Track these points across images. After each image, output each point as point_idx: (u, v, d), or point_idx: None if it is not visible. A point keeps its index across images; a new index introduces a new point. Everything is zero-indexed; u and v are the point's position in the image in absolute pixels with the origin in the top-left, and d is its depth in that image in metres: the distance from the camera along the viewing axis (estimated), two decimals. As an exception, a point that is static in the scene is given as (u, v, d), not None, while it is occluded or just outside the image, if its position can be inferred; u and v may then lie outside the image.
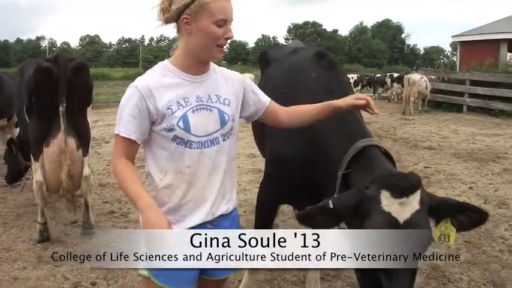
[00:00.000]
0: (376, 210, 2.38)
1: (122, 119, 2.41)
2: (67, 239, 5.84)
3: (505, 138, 13.60)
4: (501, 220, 6.50)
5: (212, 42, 2.39)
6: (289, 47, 5.05)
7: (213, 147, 2.49)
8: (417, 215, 2.37)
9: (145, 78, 2.47)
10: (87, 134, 5.89)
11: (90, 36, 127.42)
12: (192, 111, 2.43)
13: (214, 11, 2.34)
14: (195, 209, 2.51)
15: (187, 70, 2.48)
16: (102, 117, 19.08)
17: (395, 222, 2.33)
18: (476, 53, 25.84)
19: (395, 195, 2.35)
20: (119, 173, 2.44)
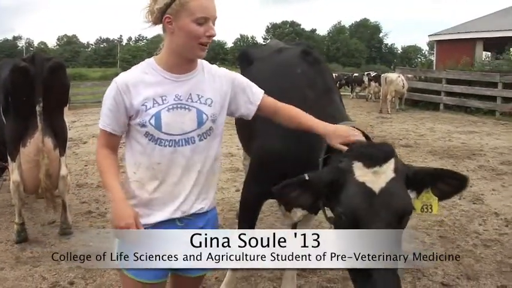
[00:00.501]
0: (350, 182, 2.37)
1: (102, 111, 2.51)
2: (45, 240, 5.81)
3: (481, 136, 13.83)
4: (475, 215, 6.61)
5: (193, 40, 2.42)
6: (271, 46, 5.09)
7: (187, 146, 2.52)
8: (393, 183, 2.35)
9: (126, 74, 2.54)
10: (64, 134, 5.87)
11: (68, 36, 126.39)
12: (167, 110, 2.46)
13: (193, 9, 2.37)
14: (164, 205, 2.55)
15: (170, 69, 2.52)
16: (79, 118, 18.97)
17: (370, 192, 2.32)
18: (453, 51, 26.11)
19: (368, 165, 2.35)
20: (98, 162, 2.59)
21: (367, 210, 2.30)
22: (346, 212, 2.36)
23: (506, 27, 26.12)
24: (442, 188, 2.52)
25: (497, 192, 7.81)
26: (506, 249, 5.45)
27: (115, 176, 2.52)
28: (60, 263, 5.10)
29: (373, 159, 2.37)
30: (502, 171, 9.31)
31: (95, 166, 9.84)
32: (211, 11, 2.42)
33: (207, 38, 2.43)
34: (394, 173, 2.38)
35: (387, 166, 2.37)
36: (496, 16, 31.18)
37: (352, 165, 2.39)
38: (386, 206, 2.30)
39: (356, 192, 2.35)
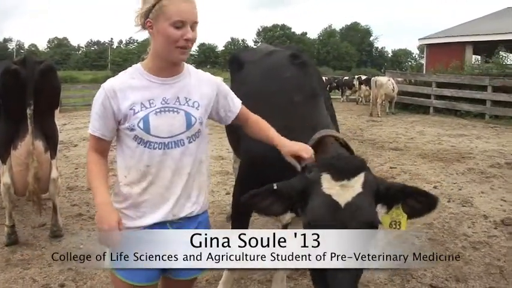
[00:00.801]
0: (317, 193, 2.37)
1: (91, 117, 2.56)
2: (35, 242, 5.80)
3: (470, 139, 13.91)
4: (464, 218, 6.66)
5: (171, 44, 2.45)
6: (261, 50, 5.10)
7: (177, 148, 2.56)
8: (359, 197, 2.34)
9: (113, 79, 2.57)
10: (55, 137, 5.88)
11: (59, 39, 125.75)
12: (155, 113, 2.50)
13: (170, 13, 2.40)
14: (155, 208, 2.59)
15: (156, 73, 2.56)
16: (70, 121, 18.92)
17: (335, 205, 2.32)
18: (443, 55, 26.28)
19: (337, 178, 2.35)
20: (87, 166, 2.67)
21: (331, 223, 2.29)
22: (311, 223, 2.36)
23: (496, 31, 26.32)
24: (413, 206, 2.51)
25: (486, 194, 7.86)
26: (494, 252, 5.50)
27: (102, 180, 2.56)
28: (51, 266, 5.14)
29: (342, 172, 2.37)
30: (491, 174, 9.36)
31: (86, 169, 9.84)
32: (188, 15, 2.44)
33: (184, 42, 2.45)
34: (362, 187, 2.37)
35: (356, 180, 2.37)
36: (486, 20, 31.42)
37: (320, 176, 2.40)
38: (351, 220, 2.30)
39: (322, 204, 2.35)
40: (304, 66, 3.65)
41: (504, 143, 12.92)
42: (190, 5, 2.46)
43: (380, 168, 9.84)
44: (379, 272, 4.92)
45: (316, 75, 3.85)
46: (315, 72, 3.92)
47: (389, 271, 4.97)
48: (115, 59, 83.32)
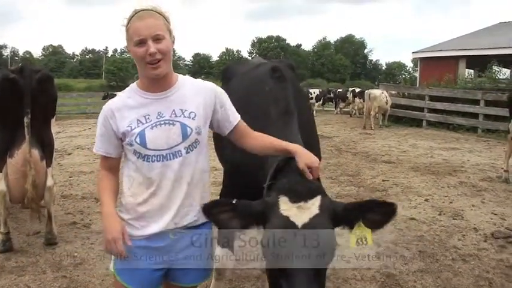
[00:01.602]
0: (275, 215, 2.43)
1: (96, 136, 2.71)
2: (30, 249, 5.83)
3: (463, 152, 14.01)
4: (455, 231, 6.73)
5: (140, 62, 2.57)
6: (252, 62, 5.18)
7: (175, 159, 2.64)
8: (316, 219, 2.40)
9: (112, 100, 2.73)
10: (51, 145, 5.95)
11: (53, 46, 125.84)
12: (151, 128, 2.60)
13: (131, 34, 2.56)
14: (157, 217, 2.67)
15: (148, 89, 2.67)
16: (64, 129, 18.99)
17: (293, 226, 2.37)
18: (436, 69, 26.47)
19: (293, 200, 2.43)
20: (98, 181, 2.83)
21: (289, 244, 2.34)
22: (267, 243, 2.41)
23: (489, 46, 26.54)
24: (373, 218, 2.54)
25: (476, 208, 7.93)
26: (484, 264, 5.56)
27: (109, 193, 2.71)
28: (45, 273, 5.18)
29: (299, 195, 2.44)
30: (482, 187, 9.44)
31: (80, 177, 9.89)
32: (145, 31, 2.52)
33: (150, 57, 2.53)
34: (319, 209, 2.43)
35: (312, 202, 2.44)
36: (479, 35, 31.67)
37: (278, 199, 2.47)
38: (309, 242, 2.33)
39: (280, 225, 2.40)
40: (282, 80, 3.65)
41: (496, 156, 12.97)
42: (145, 22, 2.54)
43: (372, 181, 9.93)
44: (369, 283, 5.00)
45: (293, 90, 3.80)
46: (293, 87, 3.87)
47: (379, 283, 5.04)
48: (110, 68, 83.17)
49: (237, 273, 5.13)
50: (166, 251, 2.71)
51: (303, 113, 3.77)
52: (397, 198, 8.46)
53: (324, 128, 20.11)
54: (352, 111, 28.36)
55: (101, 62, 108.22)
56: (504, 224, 7.08)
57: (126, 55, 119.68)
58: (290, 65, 4.50)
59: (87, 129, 19.64)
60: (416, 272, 5.30)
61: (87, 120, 24.45)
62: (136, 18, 2.56)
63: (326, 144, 15.23)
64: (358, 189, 9.10)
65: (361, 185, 9.48)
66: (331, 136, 17.45)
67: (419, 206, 8.01)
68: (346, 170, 11.11)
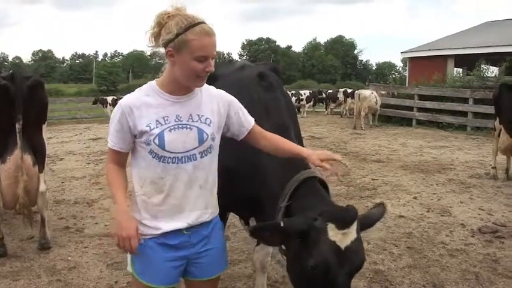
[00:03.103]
0: (324, 240, 2.67)
1: (110, 131, 2.73)
2: (24, 254, 5.89)
3: (452, 150, 14.16)
4: (443, 227, 6.84)
5: (192, 75, 2.61)
6: (236, 64, 5.25)
7: (189, 162, 2.72)
8: (356, 242, 2.70)
9: (130, 97, 2.74)
10: (43, 151, 6.00)
11: (43, 51, 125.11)
12: (170, 130, 2.66)
13: (195, 48, 2.54)
14: (171, 217, 2.75)
15: (170, 92, 2.71)
16: (55, 134, 18.99)
17: (338, 249, 2.64)
18: (425, 68, 26.59)
19: (340, 227, 2.66)
20: (107, 175, 2.82)
21: (336, 265, 2.63)
22: (318, 264, 2.65)
23: (477, 45, 26.74)
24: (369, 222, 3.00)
25: (464, 204, 8.06)
26: (471, 259, 5.67)
27: (121, 189, 2.72)
28: (40, 277, 5.25)
29: (344, 222, 2.68)
30: (471, 184, 9.58)
31: (72, 182, 9.94)
32: (210, 50, 2.58)
33: (205, 73, 2.62)
34: (357, 233, 2.73)
35: (353, 227, 2.70)
36: (467, 34, 31.88)
37: (326, 226, 2.68)
38: (350, 261, 2.66)
39: (328, 249, 2.65)
40: (271, 89, 3.78)
41: (485, 153, 13.13)
42: (212, 40, 2.60)
43: (362, 180, 10.05)
44: (358, 280, 5.09)
45: (284, 99, 3.95)
46: (283, 95, 4.01)
47: (368, 279, 5.14)
48: (100, 72, 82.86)
49: (228, 273, 5.22)
50: (182, 246, 2.79)
51: (291, 115, 3.89)
52: (386, 196, 8.58)
53: (314, 129, 20.26)
54: (343, 111, 28.46)
55: (91, 66, 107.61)
56: (491, 219, 7.20)
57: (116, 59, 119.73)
58: (274, 68, 4.56)
59: (79, 135, 19.67)
60: (404, 268, 5.41)
61: (78, 126, 24.50)
62: (205, 34, 2.56)
63: (317, 145, 15.36)
64: (348, 189, 9.20)
65: (351, 185, 9.59)
66: (321, 137, 17.55)
67: (408, 203, 8.13)
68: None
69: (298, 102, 29.64)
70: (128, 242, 2.58)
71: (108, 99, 29.06)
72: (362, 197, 8.55)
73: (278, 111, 3.65)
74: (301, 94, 30.49)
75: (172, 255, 2.77)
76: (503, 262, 5.57)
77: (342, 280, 2.63)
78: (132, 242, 2.58)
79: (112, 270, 5.43)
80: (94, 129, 22.42)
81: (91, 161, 12.85)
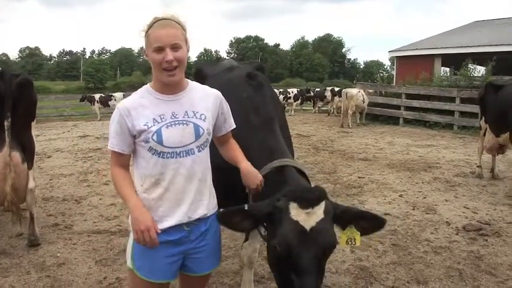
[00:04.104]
0: (286, 220, 2.72)
1: (110, 134, 2.85)
2: (13, 251, 5.92)
3: (438, 149, 14.28)
4: (427, 225, 6.93)
5: (157, 68, 2.77)
6: (223, 64, 5.33)
7: (188, 157, 2.85)
8: (322, 222, 2.72)
9: (127, 100, 2.89)
10: (32, 148, 6.03)
11: (30, 48, 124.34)
12: (166, 126, 2.79)
13: (151, 40, 2.74)
14: (171, 212, 2.86)
15: (161, 91, 2.86)
16: (43, 132, 18.95)
17: (302, 229, 2.68)
18: (412, 67, 26.69)
19: (302, 206, 2.71)
20: (113, 179, 2.93)
21: (299, 245, 2.66)
22: (281, 245, 2.70)
23: (464, 44, 26.89)
24: (364, 226, 2.94)
25: (449, 202, 8.16)
26: (455, 256, 5.76)
27: (130, 187, 2.84)
28: (29, 273, 5.27)
29: (307, 201, 2.73)
30: (456, 182, 9.69)
31: (60, 180, 9.95)
32: (165, 39, 2.72)
33: (166, 64, 2.72)
34: (324, 214, 2.75)
35: (318, 208, 2.74)
36: (454, 33, 32.03)
37: (288, 205, 2.75)
38: (315, 242, 2.67)
39: (291, 229, 2.70)
40: (260, 87, 3.91)
41: (471, 152, 13.25)
42: (167, 30, 2.73)
43: (348, 178, 10.12)
44: (343, 276, 5.17)
45: (271, 96, 4.10)
46: (270, 93, 4.17)
47: (353, 275, 5.22)
48: (87, 70, 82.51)
49: (216, 269, 5.27)
50: (181, 242, 2.91)
51: (278, 112, 4.00)
52: (372, 194, 8.68)
53: (302, 127, 20.35)
54: (330, 109, 28.56)
55: (78, 63, 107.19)
56: (476, 217, 7.30)
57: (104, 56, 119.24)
58: (260, 67, 4.69)
59: (66, 132, 19.64)
60: (389, 265, 5.49)
61: (65, 123, 24.43)
62: (158, 26, 2.74)
63: (304, 143, 15.46)
64: (335, 187, 9.27)
65: (337, 183, 9.66)
66: (309, 135, 17.63)
67: (393, 201, 8.22)
68: (323, 168, 11.29)
69: (286, 100, 29.73)
70: (147, 233, 2.69)
71: (95, 96, 29.01)
72: (348, 195, 8.61)
73: (265, 108, 3.77)
74: (289, 92, 30.58)
75: (171, 251, 2.89)
76: (486, 259, 5.66)
77: (307, 261, 2.64)
78: (151, 233, 2.69)
79: (101, 267, 5.47)
80: (82, 126, 22.44)
81: (79, 159, 12.86)
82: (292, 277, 2.69)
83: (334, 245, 2.77)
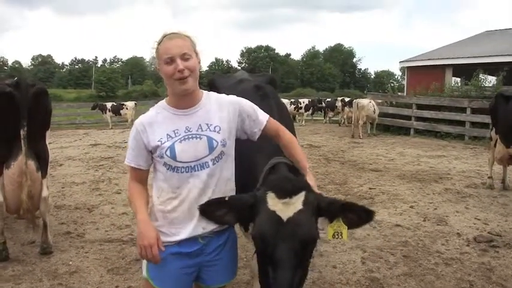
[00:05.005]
0: (263, 209, 2.69)
1: (127, 150, 2.94)
2: (26, 258, 5.97)
3: (449, 159, 14.24)
4: (438, 236, 6.92)
5: (169, 79, 2.81)
6: (235, 77, 5.41)
7: (203, 170, 2.88)
8: (300, 213, 2.64)
9: (143, 116, 2.96)
10: (46, 157, 6.11)
11: (43, 56, 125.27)
12: (180, 141, 2.84)
13: (161, 53, 2.81)
14: (185, 223, 2.90)
15: (176, 105, 2.92)
16: (55, 140, 19.03)
17: (279, 219, 2.63)
18: (423, 77, 26.67)
19: (279, 196, 2.68)
20: (128, 192, 3.03)
21: (275, 236, 2.61)
22: (257, 235, 2.69)
23: (475, 54, 26.86)
24: (351, 218, 2.83)
25: (460, 213, 8.14)
26: (465, 267, 5.76)
27: (141, 202, 2.89)
28: (41, 281, 5.33)
29: (285, 191, 2.70)
30: (467, 193, 9.66)
31: (72, 188, 10.02)
32: (173, 50, 2.78)
33: (179, 73, 2.77)
34: (303, 205, 2.68)
35: (297, 198, 2.69)
36: (465, 43, 32.01)
37: (266, 194, 2.73)
38: (292, 234, 2.60)
39: (267, 218, 2.67)
40: (265, 97, 3.97)
41: (482, 163, 13.20)
42: (174, 42, 2.81)
43: (359, 189, 10.12)
44: (354, 287, 5.18)
45: (277, 107, 4.11)
46: (275, 103, 4.20)
47: (364, 287, 5.23)
48: (99, 78, 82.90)
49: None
50: (196, 254, 2.94)
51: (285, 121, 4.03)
52: (383, 205, 8.67)
53: (312, 138, 20.36)
54: (341, 120, 28.57)
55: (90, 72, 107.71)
56: (487, 228, 7.29)
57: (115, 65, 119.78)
58: (272, 79, 4.77)
59: (78, 140, 19.76)
60: (400, 276, 5.50)
61: (77, 131, 24.59)
62: (166, 39, 2.82)
63: (314, 153, 15.46)
64: (346, 198, 9.23)
65: (348, 194, 9.66)
66: (319, 145, 17.63)
67: (404, 212, 8.20)
68: (333, 178, 11.29)
69: (297, 110, 29.79)
70: (149, 249, 2.72)
71: (107, 105, 29.15)
72: (359, 206, 8.54)
73: (269, 114, 3.81)
74: (300, 102, 30.60)
75: (186, 263, 2.93)
76: (497, 271, 5.65)
77: (282, 252, 2.56)
78: (153, 250, 2.72)
79: (113, 275, 5.52)
80: (93, 134, 22.52)
81: (91, 167, 12.93)
82: (268, 270, 2.63)
83: (313, 238, 2.69)
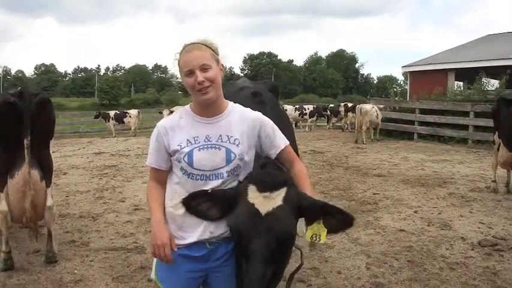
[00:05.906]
0: (243, 202, 2.71)
1: (149, 151, 2.99)
2: (31, 267, 5.97)
3: (453, 164, 14.24)
4: (443, 240, 6.92)
5: (192, 91, 2.86)
6: (238, 84, 5.45)
7: (217, 180, 2.90)
8: (279, 209, 2.64)
9: (166, 119, 3.04)
10: (50, 166, 6.11)
11: (46, 65, 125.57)
12: (199, 149, 2.88)
13: (182, 66, 2.86)
14: (194, 227, 2.92)
15: (200, 113, 2.96)
16: (58, 148, 19.04)
17: (257, 213, 2.63)
18: (426, 82, 26.73)
19: (260, 189, 2.69)
20: (147, 191, 3.08)
21: (251, 229, 2.61)
22: (232, 226, 2.73)
23: (477, 58, 26.87)
24: (332, 222, 2.78)
25: (465, 218, 8.13)
26: (470, 271, 5.75)
27: (157, 203, 2.97)
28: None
29: (266, 185, 2.71)
30: (471, 197, 9.66)
31: (76, 197, 10.03)
32: (193, 63, 2.81)
33: (199, 85, 2.80)
34: (284, 201, 2.67)
35: (277, 194, 2.69)
36: (468, 47, 32.04)
37: (247, 187, 2.75)
38: (268, 228, 2.59)
39: (245, 210, 2.68)
40: (261, 104, 3.98)
41: (485, 167, 13.19)
42: (192, 54, 2.84)
43: (363, 194, 10.12)
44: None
45: (274, 114, 4.10)
46: (274, 110, 4.18)
47: (369, 291, 5.23)
48: (102, 86, 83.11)
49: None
50: (204, 259, 2.97)
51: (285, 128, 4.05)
52: (387, 210, 8.66)
53: (316, 144, 20.37)
54: (344, 125, 28.59)
55: (93, 80, 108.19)
56: (491, 232, 7.28)
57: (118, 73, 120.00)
58: (274, 87, 4.80)
59: (82, 149, 19.75)
60: (405, 281, 5.49)
61: (80, 140, 24.59)
62: (185, 52, 2.86)
63: (318, 159, 15.47)
64: (350, 203, 9.27)
65: (352, 199, 9.66)
66: (323, 151, 17.63)
67: (408, 217, 8.20)
68: (337, 184, 11.29)
69: (302, 116, 29.82)
70: (162, 249, 2.81)
71: (110, 113, 29.14)
72: (363, 211, 8.61)
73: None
74: (304, 109, 30.59)
75: (194, 266, 2.96)
76: (502, 275, 5.64)
77: (256, 246, 2.55)
78: (166, 250, 2.81)
79: (118, 284, 5.52)
80: (97, 143, 22.47)
81: (95, 175, 12.94)
82: (242, 262, 2.62)
83: (290, 235, 2.70)
